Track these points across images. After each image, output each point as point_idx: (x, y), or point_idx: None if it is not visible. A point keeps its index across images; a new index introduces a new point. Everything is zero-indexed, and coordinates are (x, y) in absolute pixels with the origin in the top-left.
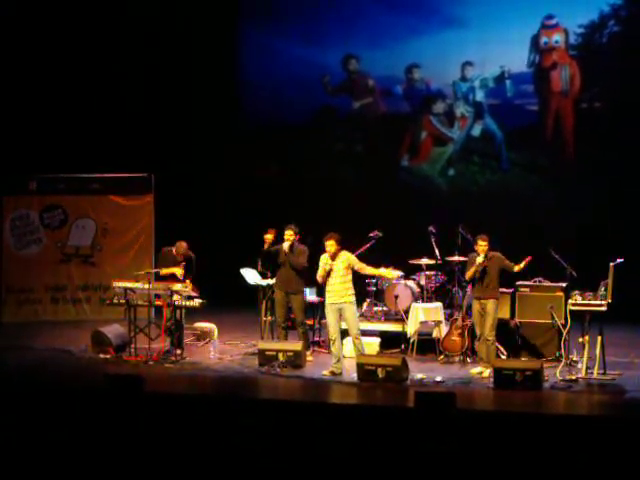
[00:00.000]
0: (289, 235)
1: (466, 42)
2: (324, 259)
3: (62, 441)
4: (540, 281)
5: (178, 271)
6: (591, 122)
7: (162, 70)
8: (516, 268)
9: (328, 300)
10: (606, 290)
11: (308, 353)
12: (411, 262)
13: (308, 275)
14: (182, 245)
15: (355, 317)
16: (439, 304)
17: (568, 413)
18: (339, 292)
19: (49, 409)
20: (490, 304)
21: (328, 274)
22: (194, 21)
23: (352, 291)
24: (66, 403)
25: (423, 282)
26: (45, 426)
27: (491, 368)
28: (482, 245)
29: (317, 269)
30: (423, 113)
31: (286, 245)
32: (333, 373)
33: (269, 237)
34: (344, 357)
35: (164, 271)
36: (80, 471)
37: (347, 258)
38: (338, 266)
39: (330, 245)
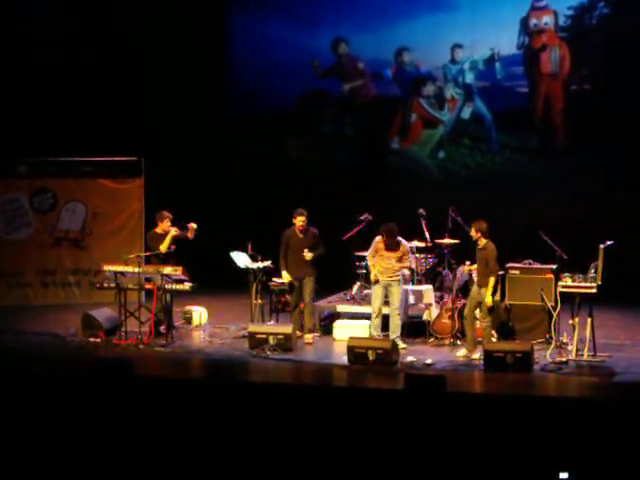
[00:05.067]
0: (301, 221)
1: (456, 24)
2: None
3: (52, 425)
4: (530, 263)
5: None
6: (581, 104)
7: (151, 53)
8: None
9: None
10: (596, 272)
11: (310, 336)
12: None
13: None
14: (164, 218)
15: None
16: (429, 287)
17: (558, 395)
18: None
19: (39, 393)
20: (483, 291)
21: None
22: (183, 4)
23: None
24: (56, 387)
25: (413, 265)
26: (34, 410)
27: (476, 350)
28: (471, 232)
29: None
30: (413, 96)
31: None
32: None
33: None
34: (334, 340)
35: (164, 245)
36: (70, 455)
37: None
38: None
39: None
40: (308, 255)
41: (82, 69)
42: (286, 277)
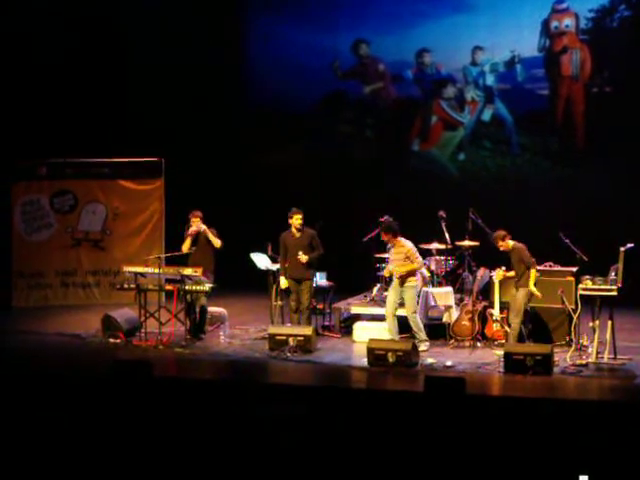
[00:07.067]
0: (297, 219)
1: (476, 26)
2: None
3: (71, 426)
4: (551, 266)
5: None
6: (602, 106)
7: (172, 55)
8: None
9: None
10: (616, 275)
11: None
12: (421, 247)
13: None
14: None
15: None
16: (449, 289)
17: (578, 398)
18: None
19: (59, 394)
20: (520, 291)
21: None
22: (203, 6)
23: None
24: (76, 388)
25: (433, 267)
26: (54, 411)
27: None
28: (498, 245)
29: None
30: (433, 98)
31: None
32: None
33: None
34: (354, 342)
35: (185, 245)
36: (89, 456)
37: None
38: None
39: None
40: (303, 258)
41: (102, 71)
42: (284, 283)
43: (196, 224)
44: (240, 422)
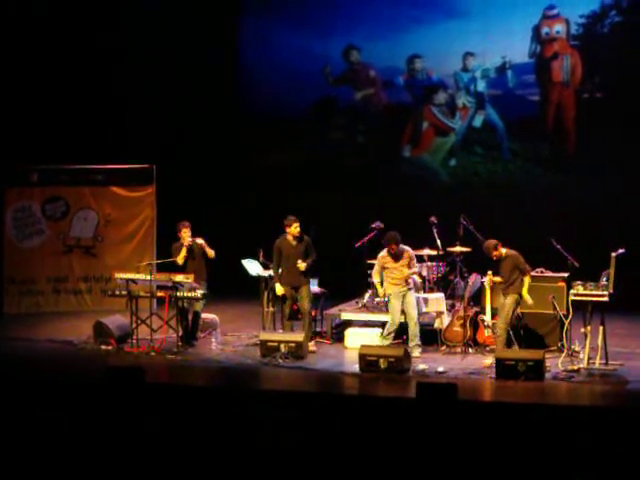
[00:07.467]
0: (297, 227)
1: (467, 33)
2: (384, 259)
3: (63, 433)
4: (542, 271)
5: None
6: (592, 112)
7: (163, 60)
8: (526, 279)
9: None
10: (608, 280)
11: (311, 344)
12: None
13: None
14: (181, 228)
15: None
16: (441, 295)
17: (570, 403)
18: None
19: (50, 400)
20: (508, 298)
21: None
22: (195, 11)
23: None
24: (67, 394)
25: (425, 273)
26: (46, 418)
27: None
28: (491, 255)
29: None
30: (424, 104)
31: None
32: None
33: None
34: (346, 348)
35: (180, 256)
36: (81, 463)
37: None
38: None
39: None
40: (302, 266)
41: (94, 77)
42: (280, 290)
43: (188, 235)
44: (232, 428)
